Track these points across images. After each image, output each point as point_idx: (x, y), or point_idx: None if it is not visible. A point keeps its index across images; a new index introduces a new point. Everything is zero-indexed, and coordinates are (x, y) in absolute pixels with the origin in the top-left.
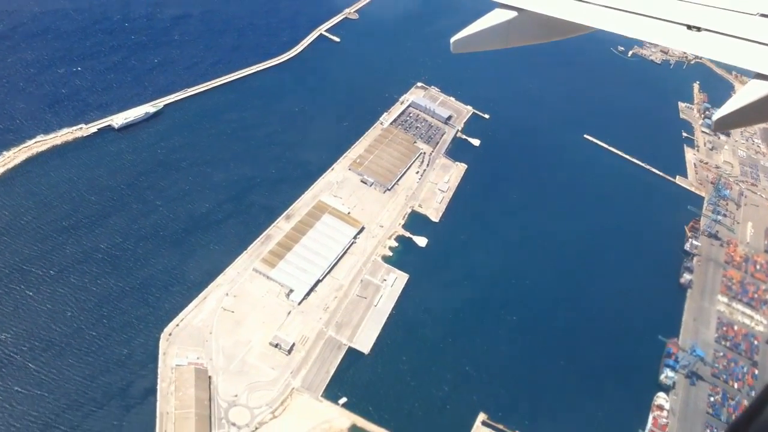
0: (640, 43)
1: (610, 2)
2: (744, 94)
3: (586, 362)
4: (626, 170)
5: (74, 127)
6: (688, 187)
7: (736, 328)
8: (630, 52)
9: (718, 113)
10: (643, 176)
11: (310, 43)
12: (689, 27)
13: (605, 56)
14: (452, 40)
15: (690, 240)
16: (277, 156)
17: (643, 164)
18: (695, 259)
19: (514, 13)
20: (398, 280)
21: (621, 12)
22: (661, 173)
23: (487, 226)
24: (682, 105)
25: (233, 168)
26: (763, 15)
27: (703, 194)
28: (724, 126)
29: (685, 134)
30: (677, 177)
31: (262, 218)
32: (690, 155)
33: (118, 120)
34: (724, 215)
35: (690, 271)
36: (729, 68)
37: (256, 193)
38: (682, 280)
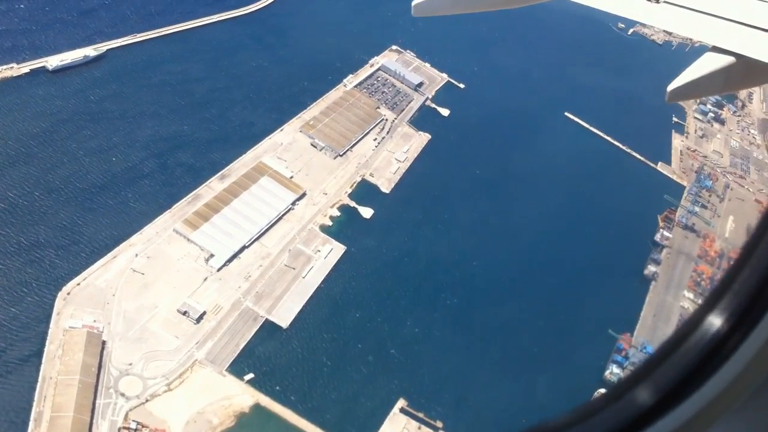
0: (682, 99)
1: None
2: (699, 66)
3: (525, 354)
4: (604, 152)
5: (3, 66)
6: (669, 175)
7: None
8: (630, 30)
9: (673, 84)
10: (622, 160)
11: None
12: None
13: (602, 34)
14: (413, 3)
15: (661, 230)
16: (218, 113)
17: (623, 147)
18: (664, 251)
19: None
20: (333, 251)
21: None
22: (642, 158)
23: (441, 202)
24: None
25: (166, 123)
26: None
27: (685, 183)
28: (678, 96)
29: (675, 119)
30: (659, 164)
31: (190, 177)
32: (677, 142)
33: (53, 62)
34: (704, 207)
35: (656, 263)
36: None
37: (188, 150)
38: (646, 272)
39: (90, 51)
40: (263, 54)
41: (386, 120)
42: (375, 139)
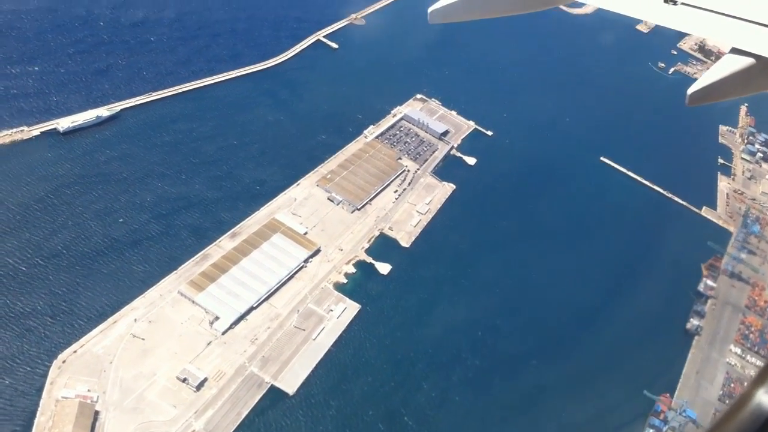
0: (685, 60)
1: None
2: (719, 68)
3: (555, 420)
4: (643, 198)
5: (14, 130)
6: (714, 220)
7: (746, 384)
8: (671, 69)
9: (693, 87)
10: (663, 206)
11: (303, 49)
12: (666, 0)
13: (641, 74)
14: (429, 10)
15: (705, 280)
16: (227, 172)
17: (665, 192)
18: (709, 302)
19: None
20: (347, 311)
21: None
22: (684, 203)
23: (464, 257)
24: (723, 128)
25: (174, 183)
26: None
27: (731, 229)
28: (699, 100)
29: (721, 161)
30: (704, 208)
31: (198, 237)
32: (723, 184)
33: (65, 123)
34: (751, 253)
35: (700, 315)
36: None
37: (196, 210)
38: (688, 326)
39: (103, 111)
40: (277, 109)
41: (408, 171)
42: (396, 191)
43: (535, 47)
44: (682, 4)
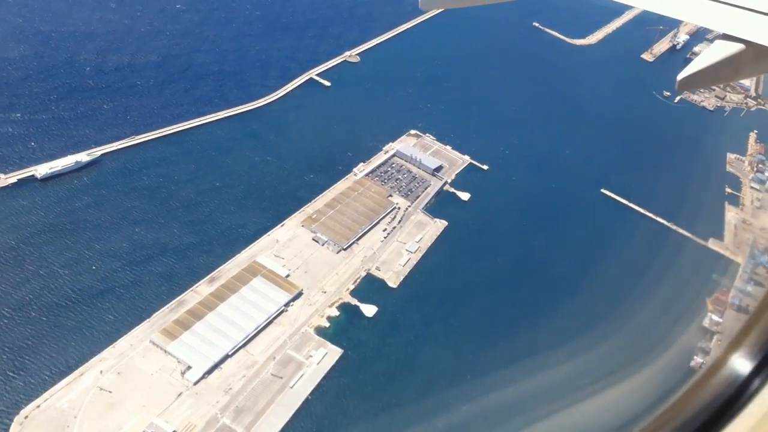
0: (692, 89)
1: None
2: (709, 54)
3: None
4: (646, 231)
5: None
6: (722, 252)
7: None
8: (677, 98)
9: (683, 73)
10: (667, 238)
11: (294, 88)
12: None
13: (644, 103)
14: None
15: (710, 315)
16: (205, 216)
17: (669, 224)
18: (714, 338)
19: None
20: (327, 356)
21: None
22: (690, 235)
23: (453, 298)
24: (731, 156)
25: (150, 229)
26: None
27: (740, 261)
28: (689, 85)
29: (729, 190)
30: (710, 240)
31: (173, 283)
32: (731, 215)
33: (42, 170)
34: (759, 285)
35: (705, 352)
36: None
37: (171, 256)
38: (692, 364)
39: (83, 157)
40: (263, 150)
41: (398, 208)
42: (385, 230)
43: (534, 79)
44: None
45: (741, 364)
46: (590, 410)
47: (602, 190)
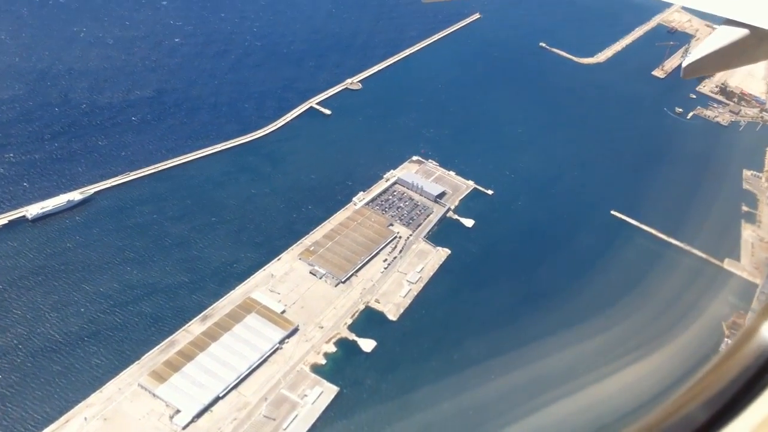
0: (704, 103)
1: None
2: (714, 40)
3: None
4: (659, 254)
5: None
6: (738, 273)
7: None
8: (690, 114)
9: (688, 59)
10: (680, 260)
11: (294, 118)
12: None
13: (656, 120)
14: None
15: (727, 340)
16: (197, 254)
17: (683, 245)
18: None
19: None
20: (323, 395)
21: None
22: (704, 255)
23: (455, 331)
24: (747, 173)
25: (141, 268)
26: None
27: (758, 281)
28: (694, 72)
29: (745, 208)
30: (726, 260)
31: (162, 324)
32: (748, 233)
33: (34, 210)
34: None
35: None
36: None
37: (161, 295)
38: None
39: (76, 195)
40: (257, 183)
41: (399, 237)
42: (385, 260)
43: (541, 100)
44: None
45: None
46: None
47: (612, 212)
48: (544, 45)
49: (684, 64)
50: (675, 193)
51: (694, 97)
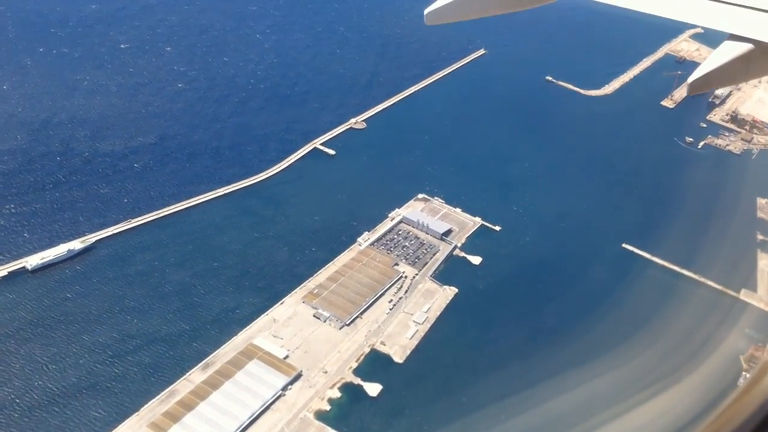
0: (715, 132)
1: None
2: (718, 55)
3: None
4: (672, 286)
5: None
6: (755, 304)
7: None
8: (701, 143)
9: (693, 75)
10: (694, 292)
11: (297, 160)
12: None
13: (667, 151)
14: (426, 11)
15: (745, 375)
16: (200, 299)
17: (697, 277)
18: None
19: None
20: None
21: None
22: (721, 287)
23: (463, 373)
24: (761, 201)
25: (141, 318)
26: None
27: None
28: (699, 88)
29: (761, 237)
30: (742, 291)
31: (163, 373)
32: (764, 263)
33: (34, 261)
34: None
35: None
36: None
37: (161, 345)
38: None
39: (76, 244)
40: (259, 227)
41: (405, 277)
42: (390, 301)
43: (548, 134)
44: None
45: None
46: None
47: (623, 245)
48: (550, 78)
49: (690, 80)
50: (688, 224)
51: (705, 126)
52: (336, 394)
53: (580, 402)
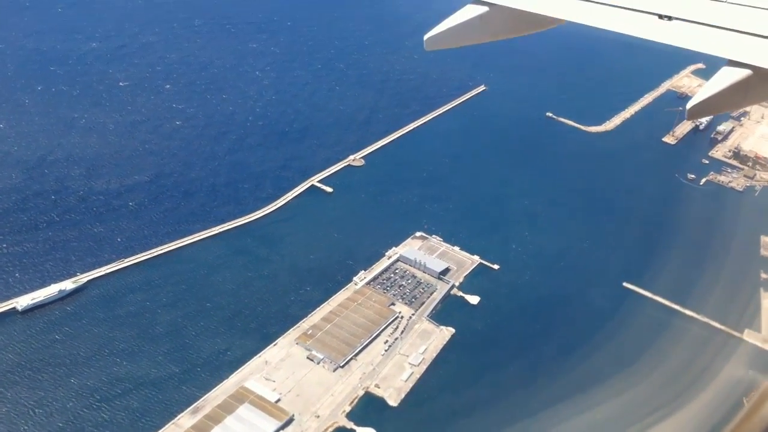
0: (717, 168)
1: None
2: (717, 81)
3: None
4: (674, 325)
5: None
6: (759, 345)
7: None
8: (703, 180)
9: (692, 101)
10: (698, 333)
11: (294, 197)
12: (660, 16)
13: (669, 187)
14: (425, 37)
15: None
16: (191, 340)
17: (699, 316)
18: None
19: (485, 8)
20: None
21: (591, 4)
22: (723, 327)
23: (461, 417)
24: (765, 239)
25: (130, 360)
26: (732, 2)
27: None
28: (698, 114)
29: (764, 275)
30: (745, 331)
31: (150, 418)
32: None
33: (24, 301)
34: None
35: None
36: None
37: (149, 389)
38: None
39: (68, 284)
40: (252, 267)
41: (401, 317)
42: (386, 342)
43: (548, 171)
44: (677, 19)
45: None
46: None
47: (624, 284)
48: (551, 115)
49: (689, 106)
50: (691, 263)
51: (707, 162)
52: None
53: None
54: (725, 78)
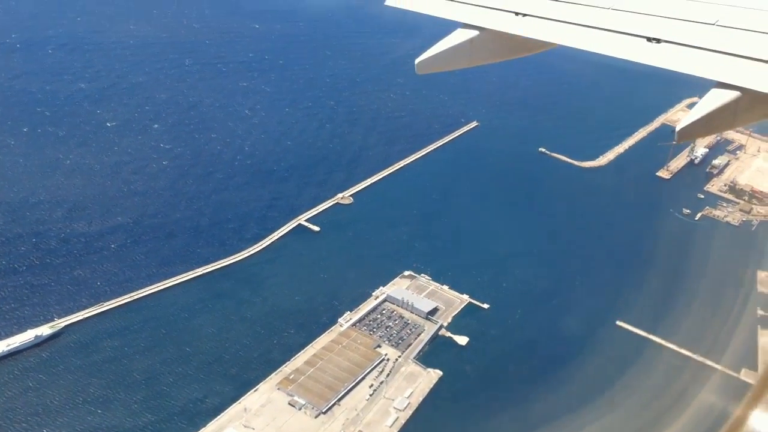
0: (713, 203)
1: (570, 18)
2: (706, 103)
3: None
4: (668, 365)
5: None
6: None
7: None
8: (698, 215)
9: (681, 123)
10: (693, 372)
11: (279, 237)
12: (649, 39)
13: (663, 223)
14: (417, 61)
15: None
16: (167, 388)
17: (694, 356)
18: None
19: (475, 32)
20: None
21: (580, 27)
22: (719, 367)
23: None
24: (761, 275)
25: (104, 409)
26: (721, 24)
27: None
28: (688, 136)
29: (761, 312)
30: (742, 371)
31: None
32: (765, 339)
33: None
34: None
35: None
36: None
37: None
38: None
39: (45, 330)
40: (233, 310)
41: (387, 360)
42: (371, 386)
43: (540, 207)
44: (666, 42)
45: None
46: None
47: (618, 323)
48: (543, 150)
49: (678, 128)
50: (685, 299)
51: (702, 197)
52: None
53: None
54: (714, 100)
